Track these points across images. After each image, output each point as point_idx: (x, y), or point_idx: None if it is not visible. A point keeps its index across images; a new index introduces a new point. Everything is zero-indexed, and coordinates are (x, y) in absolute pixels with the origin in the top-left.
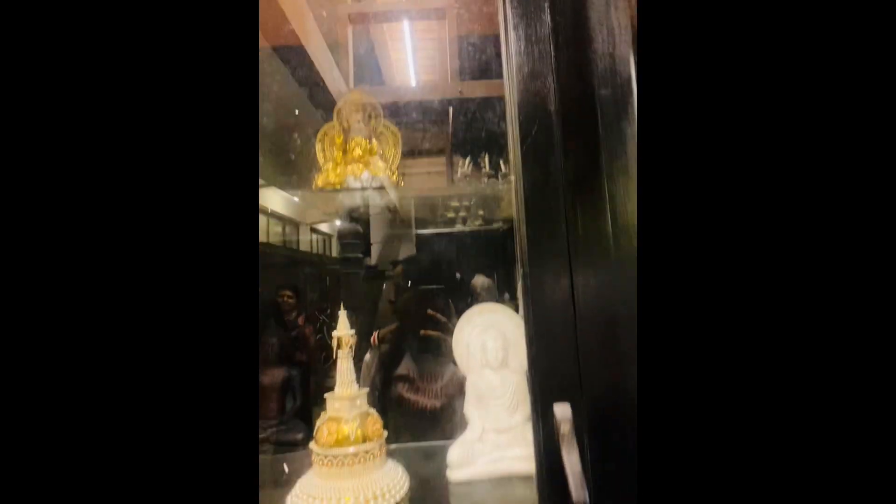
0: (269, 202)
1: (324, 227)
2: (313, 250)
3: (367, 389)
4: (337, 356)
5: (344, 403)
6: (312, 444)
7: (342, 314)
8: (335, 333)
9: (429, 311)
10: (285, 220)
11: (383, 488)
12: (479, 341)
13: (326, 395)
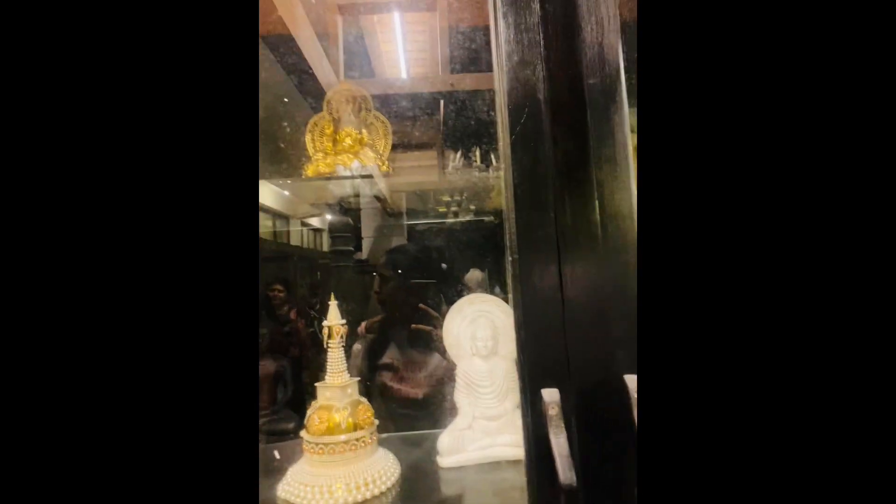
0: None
1: (314, 222)
2: (304, 244)
3: (358, 378)
4: (328, 346)
5: (335, 392)
6: (303, 433)
7: (333, 304)
8: (326, 323)
9: (420, 305)
10: (274, 214)
11: (374, 475)
12: (470, 331)
13: (318, 384)
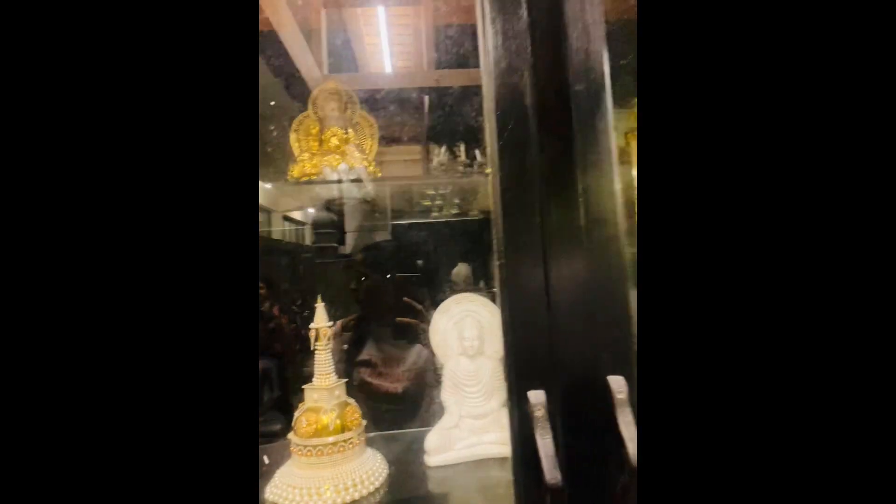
0: None
1: (297, 216)
2: (286, 239)
3: (345, 380)
4: (315, 348)
5: (323, 394)
6: (291, 435)
7: (320, 306)
8: (312, 325)
9: (405, 298)
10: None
11: (362, 476)
12: (456, 330)
13: (305, 386)
